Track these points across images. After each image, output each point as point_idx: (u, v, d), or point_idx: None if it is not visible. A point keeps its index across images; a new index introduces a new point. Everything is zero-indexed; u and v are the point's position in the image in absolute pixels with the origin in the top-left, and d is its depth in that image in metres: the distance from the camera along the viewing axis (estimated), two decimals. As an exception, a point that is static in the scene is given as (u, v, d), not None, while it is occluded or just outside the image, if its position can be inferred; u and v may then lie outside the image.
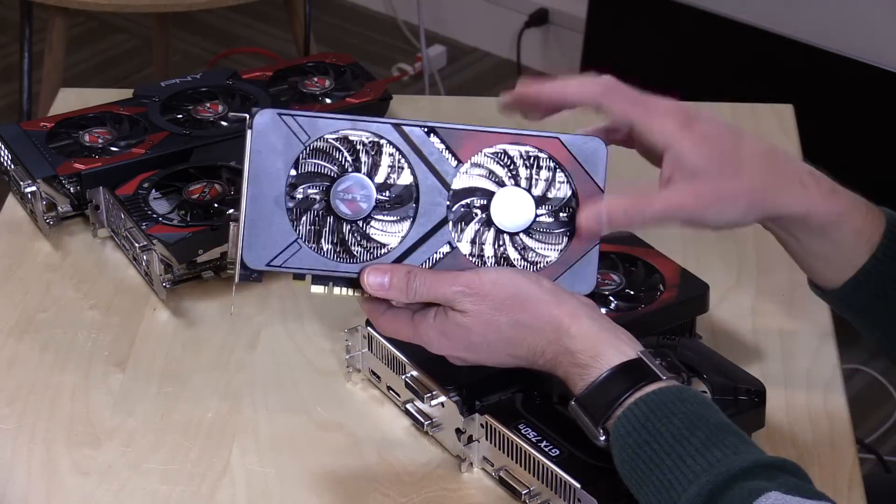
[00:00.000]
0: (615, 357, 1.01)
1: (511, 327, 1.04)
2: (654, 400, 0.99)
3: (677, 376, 1.02)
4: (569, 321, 1.03)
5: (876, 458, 2.28)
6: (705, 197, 1.05)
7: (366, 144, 1.05)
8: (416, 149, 1.05)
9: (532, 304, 1.03)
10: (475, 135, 1.06)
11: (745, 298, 1.32)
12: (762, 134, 1.55)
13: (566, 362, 1.03)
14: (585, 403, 1.01)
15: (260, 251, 1.04)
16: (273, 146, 1.03)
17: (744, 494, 0.93)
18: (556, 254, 1.08)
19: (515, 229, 1.07)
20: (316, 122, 1.04)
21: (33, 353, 1.26)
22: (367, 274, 1.04)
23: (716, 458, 0.96)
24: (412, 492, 1.12)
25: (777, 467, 0.96)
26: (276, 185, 1.04)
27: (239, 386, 1.23)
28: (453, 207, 1.06)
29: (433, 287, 1.04)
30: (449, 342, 1.05)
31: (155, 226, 1.31)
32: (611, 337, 1.02)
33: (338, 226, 1.05)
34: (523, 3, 3.25)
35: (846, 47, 2.64)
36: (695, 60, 2.83)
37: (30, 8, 2.41)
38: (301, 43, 2.49)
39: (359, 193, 1.05)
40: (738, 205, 1.06)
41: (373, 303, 1.07)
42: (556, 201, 1.07)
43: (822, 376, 1.23)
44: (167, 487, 1.13)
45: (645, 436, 0.98)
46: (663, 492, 0.97)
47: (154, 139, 1.41)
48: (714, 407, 1.00)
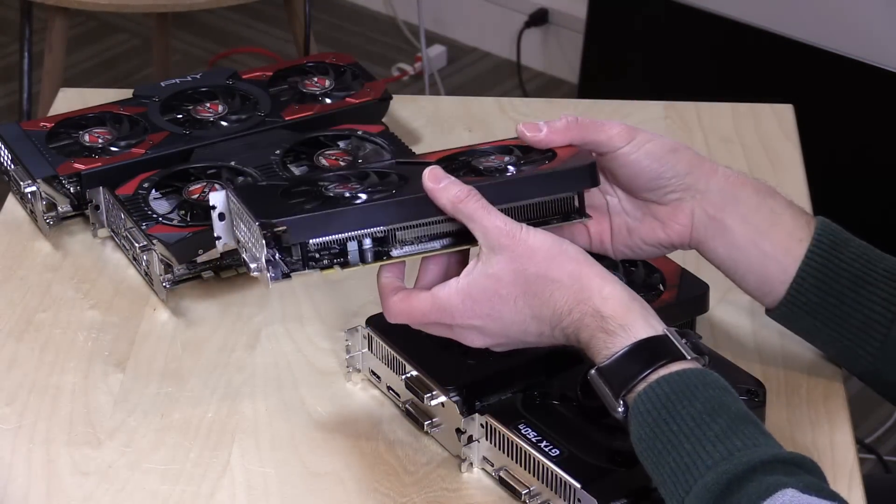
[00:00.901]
0: (643, 329, 1.01)
1: (539, 279, 1.03)
2: (678, 380, 0.99)
3: (700, 358, 1.02)
4: (600, 282, 1.03)
5: (876, 458, 2.28)
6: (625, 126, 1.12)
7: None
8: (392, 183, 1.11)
9: (562, 260, 1.04)
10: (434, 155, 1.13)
11: (745, 298, 1.31)
12: (762, 134, 1.56)
13: (594, 325, 1.02)
14: (607, 374, 1.01)
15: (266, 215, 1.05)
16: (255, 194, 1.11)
17: (762, 488, 0.94)
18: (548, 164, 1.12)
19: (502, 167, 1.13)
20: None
21: (33, 353, 1.26)
22: (430, 170, 1.07)
23: (736, 448, 0.96)
24: (412, 492, 1.12)
25: (796, 464, 0.96)
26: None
27: (239, 386, 1.23)
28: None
29: (482, 210, 1.05)
30: (473, 304, 1.04)
31: (155, 226, 1.31)
32: (640, 308, 1.03)
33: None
34: (523, 3, 3.25)
35: (846, 47, 2.64)
36: (695, 60, 2.83)
37: (30, 8, 2.41)
38: (301, 43, 2.49)
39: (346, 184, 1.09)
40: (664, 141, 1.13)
41: (389, 281, 1.08)
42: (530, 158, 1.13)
43: (822, 376, 1.23)
44: (167, 487, 1.13)
45: (665, 416, 0.98)
46: (679, 474, 0.97)
47: (154, 139, 1.41)
48: (735, 394, 1.01)
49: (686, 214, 1.13)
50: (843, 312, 1.13)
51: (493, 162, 1.12)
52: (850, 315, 1.13)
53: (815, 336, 1.17)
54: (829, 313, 1.14)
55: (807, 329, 1.17)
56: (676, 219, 1.14)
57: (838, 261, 1.13)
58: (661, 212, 1.14)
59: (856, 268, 1.13)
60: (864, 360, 1.15)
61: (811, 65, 2.68)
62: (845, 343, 1.15)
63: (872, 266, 1.13)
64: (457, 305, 1.05)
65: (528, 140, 1.12)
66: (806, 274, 1.13)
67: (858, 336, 1.14)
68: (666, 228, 1.14)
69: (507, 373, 1.12)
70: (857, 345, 1.14)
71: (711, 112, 1.60)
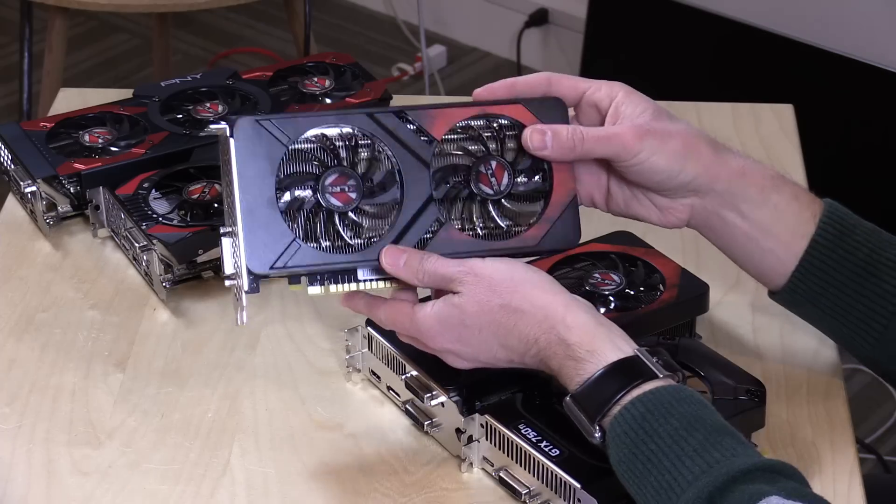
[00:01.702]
0: (612, 353, 1.01)
1: (503, 312, 1.04)
2: (652, 399, 0.99)
3: (674, 375, 1.02)
4: (563, 310, 1.03)
5: (876, 458, 2.28)
6: (642, 128, 1.09)
7: (344, 137, 1.08)
8: (392, 134, 1.08)
9: (525, 289, 1.04)
10: (444, 111, 1.10)
11: (745, 298, 1.32)
12: (762, 134, 1.56)
13: (561, 354, 1.03)
14: (581, 400, 1.02)
15: (261, 256, 1.05)
16: (256, 152, 1.06)
17: (744, 497, 0.93)
18: (538, 211, 1.10)
19: (497, 196, 1.10)
20: (293, 121, 1.07)
21: (33, 353, 1.26)
22: (385, 253, 1.07)
23: (714, 460, 0.96)
24: (412, 492, 1.12)
25: (776, 471, 0.96)
26: (266, 189, 1.05)
27: (239, 386, 1.23)
28: (436, 185, 1.09)
29: (440, 269, 1.06)
30: (443, 330, 1.06)
31: (155, 226, 1.31)
32: (607, 332, 1.03)
33: (330, 219, 1.07)
34: (523, 3, 3.25)
35: (846, 47, 2.64)
36: (695, 60, 2.83)
37: (30, 8, 2.41)
38: (301, 43, 2.49)
39: (346, 184, 1.07)
40: (675, 144, 1.10)
41: (368, 298, 1.09)
42: (527, 163, 1.11)
43: (822, 376, 1.23)
44: (167, 487, 1.13)
45: (642, 435, 0.98)
46: (661, 492, 0.97)
47: (154, 139, 1.41)
48: (710, 408, 1.01)
49: (686, 208, 1.13)
50: (844, 303, 1.13)
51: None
52: (851, 306, 1.13)
53: (816, 322, 1.17)
54: (830, 303, 1.14)
55: (807, 315, 1.17)
56: (675, 211, 1.14)
57: (842, 251, 1.12)
58: (661, 201, 1.14)
59: (860, 258, 1.12)
60: (863, 348, 1.14)
61: (811, 65, 2.68)
62: (845, 332, 1.15)
63: (878, 254, 1.12)
64: (430, 329, 1.07)
65: (532, 151, 1.10)
66: (806, 267, 1.13)
67: (859, 326, 1.13)
68: (663, 214, 1.14)
69: (507, 373, 1.12)
70: (857, 334, 1.14)
71: (711, 112, 1.60)
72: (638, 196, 1.14)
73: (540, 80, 1.12)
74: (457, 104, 1.11)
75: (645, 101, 1.12)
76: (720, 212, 1.13)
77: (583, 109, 1.13)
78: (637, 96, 1.12)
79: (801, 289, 1.14)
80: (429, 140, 1.09)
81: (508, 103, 1.11)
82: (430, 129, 1.09)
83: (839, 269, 1.12)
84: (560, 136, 1.09)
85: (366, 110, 1.09)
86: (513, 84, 1.12)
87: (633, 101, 1.11)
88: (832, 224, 1.13)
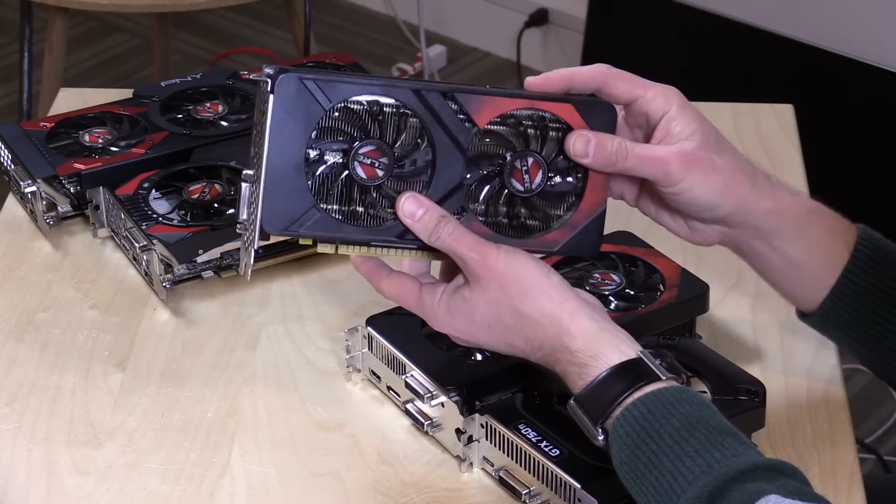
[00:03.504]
0: (614, 357, 1.01)
1: (511, 314, 1.04)
2: (653, 400, 0.99)
3: (677, 377, 1.02)
4: (568, 319, 1.03)
5: (876, 458, 2.28)
6: (689, 156, 1.07)
7: (384, 109, 1.05)
8: (434, 113, 1.05)
9: (535, 296, 1.04)
10: (492, 99, 1.06)
11: (745, 298, 1.32)
12: (762, 134, 1.56)
13: (564, 360, 1.03)
14: (584, 403, 1.02)
15: (277, 217, 1.03)
16: (294, 111, 1.03)
17: (743, 497, 0.93)
18: (566, 215, 1.08)
19: (527, 193, 1.08)
20: (337, 86, 1.04)
21: (33, 353, 1.26)
22: (405, 200, 1.04)
23: (715, 460, 0.96)
24: (412, 492, 1.12)
25: (776, 469, 0.96)
26: (297, 150, 1.03)
27: (239, 386, 1.23)
28: (468, 172, 1.06)
29: (456, 240, 1.04)
30: (452, 319, 1.05)
31: (155, 226, 1.31)
32: (610, 337, 1.03)
33: (355, 191, 1.05)
34: (523, 3, 3.25)
35: (846, 47, 2.64)
36: (695, 60, 2.83)
37: (30, 8, 2.41)
38: (301, 43, 2.49)
39: (378, 160, 1.05)
40: (719, 178, 1.07)
41: (375, 265, 1.08)
42: (564, 164, 1.08)
43: (822, 376, 1.23)
44: (167, 487, 1.13)
45: (643, 436, 0.98)
46: (662, 493, 0.97)
47: (154, 139, 1.41)
48: (713, 408, 1.00)
49: (716, 233, 1.12)
50: (875, 332, 1.13)
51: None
52: (882, 336, 1.12)
53: (846, 347, 1.17)
54: (860, 332, 1.13)
55: (838, 340, 1.17)
56: (705, 234, 1.12)
57: (875, 280, 1.11)
58: (693, 223, 1.12)
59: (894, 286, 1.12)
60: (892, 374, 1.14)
61: (811, 65, 2.68)
62: (875, 359, 1.14)
63: None
64: (438, 314, 1.06)
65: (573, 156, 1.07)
66: (838, 296, 1.12)
67: (890, 354, 1.13)
68: (692, 233, 1.12)
69: (507, 373, 1.12)
70: (886, 362, 1.14)
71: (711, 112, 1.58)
72: (671, 211, 1.12)
73: (596, 74, 1.09)
74: (507, 92, 1.07)
75: (697, 120, 1.09)
76: (751, 242, 1.11)
77: (633, 112, 1.10)
78: (690, 113, 1.09)
79: (832, 316, 1.13)
80: (471, 125, 1.06)
81: (560, 101, 1.08)
82: (475, 114, 1.06)
83: (871, 298, 1.12)
84: (604, 148, 1.06)
85: (412, 84, 1.05)
86: (570, 76, 1.08)
87: (685, 118, 1.08)
88: (865, 253, 1.11)
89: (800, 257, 1.11)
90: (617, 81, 1.09)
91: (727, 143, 1.10)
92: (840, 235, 1.12)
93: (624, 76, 1.10)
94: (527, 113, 1.07)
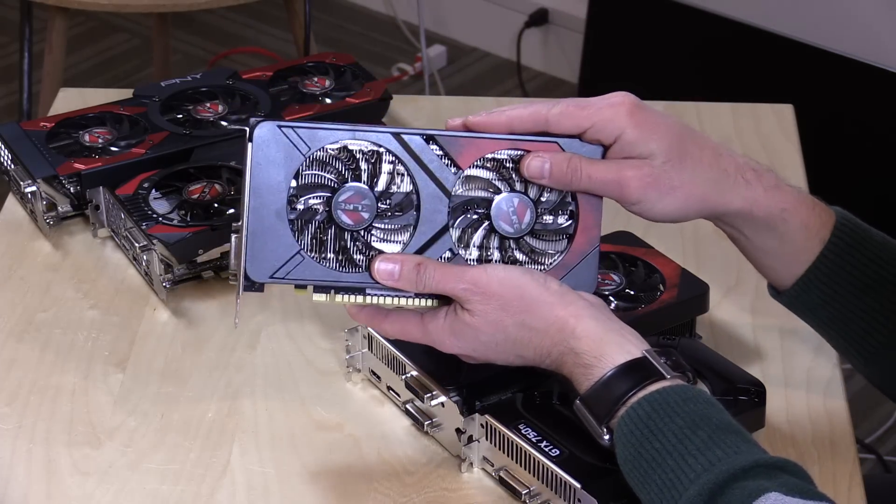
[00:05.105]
0: (620, 356, 1.02)
1: (517, 328, 1.05)
2: (658, 399, 0.99)
3: (683, 375, 1.02)
4: (574, 322, 1.03)
5: (876, 458, 2.28)
6: (645, 178, 1.06)
7: (365, 153, 1.06)
8: (416, 157, 1.06)
9: (537, 306, 1.04)
10: (474, 142, 1.07)
11: (745, 298, 1.32)
12: (762, 134, 1.56)
13: (570, 362, 1.03)
14: (590, 402, 1.02)
15: (263, 263, 1.05)
16: (273, 158, 1.04)
17: (744, 494, 0.94)
18: (558, 255, 1.09)
19: (517, 234, 1.08)
20: (315, 133, 1.05)
21: (33, 353, 1.26)
22: (378, 262, 1.05)
23: (717, 458, 0.96)
24: (412, 492, 1.12)
25: (778, 467, 0.96)
26: (278, 196, 1.04)
27: (239, 386, 1.23)
28: (455, 215, 1.07)
29: (442, 281, 1.05)
30: (459, 341, 1.06)
31: (155, 226, 1.31)
32: (616, 337, 1.03)
33: (340, 236, 1.06)
34: (523, 3, 3.25)
35: (846, 47, 2.64)
36: (695, 60, 2.83)
37: (30, 8, 2.41)
38: (301, 43, 2.48)
39: (360, 203, 1.06)
40: (677, 196, 1.07)
41: (372, 310, 1.08)
42: (553, 202, 1.08)
43: (822, 376, 1.23)
44: (167, 487, 1.13)
45: (647, 434, 0.98)
46: (665, 491, 0.97)
47: (154, 139, 1.41)
48: (718, 406, 1.01)
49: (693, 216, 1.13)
50: (844, 318, 1.13)
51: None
52: (850, 321, 1.13)
53: (816, 328, 1.17)
54: (830, 316, 1.13)
55: (807, 320, 1.17)
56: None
57: (850, 266, 1.11)
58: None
59: (867, 274, 1.11)
60: (858, 361, 1.15)
61: (811, 65, 2.68)
62: (842, 343, 1.15)
63: (885, 270, 1.12)
64: (445, 339, 1.07)
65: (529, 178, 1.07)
66: (810, 279, 1.12)
67: (856, 340, 1.13)
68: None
69: (507, 373, 1.12)
70: (853, 347, 1.14)
71: (711, 112, 1.60)
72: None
73: (538, 120, 1.07)
74: (490, 136, 1.07)
75: (656, 134, 1.06)
76: (726, 228, 1.12)
77: (590, 141, 1.08)
78: (646, 130, 1.06)
79: (803, 298, 1.14)
80: (454, 168, 1.07)
81: (545, 142, 1.07)
82: (457, 157, 1.06)
83: (842, 284, 1.12)
84: (559, 167, 1.06)
85: (392, 129, 1.06)
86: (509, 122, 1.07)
87: (641, 138, 1.06)
88: (841, 241, 1.11)
89: (770, 248, 1.12)
90: (560, 120, 1.07)
91: (695, 145, 1.08)
92: (815, 231, 1.11)
93: (567, 113, 1.07)
94: (510, 154, 1.07)
